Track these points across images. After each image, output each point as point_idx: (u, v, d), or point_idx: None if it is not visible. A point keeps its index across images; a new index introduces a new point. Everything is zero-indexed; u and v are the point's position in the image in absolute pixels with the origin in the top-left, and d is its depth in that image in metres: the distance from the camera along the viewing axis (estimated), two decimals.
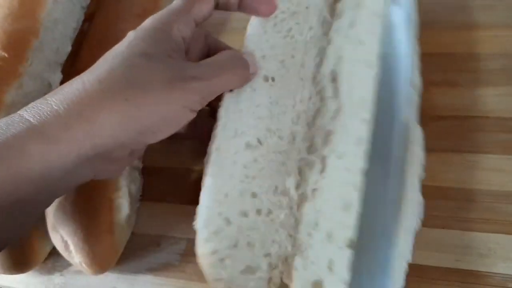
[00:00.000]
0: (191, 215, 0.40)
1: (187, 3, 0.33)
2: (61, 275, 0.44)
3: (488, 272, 0.32)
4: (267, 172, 0.33)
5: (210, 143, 0.34)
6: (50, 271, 0.44)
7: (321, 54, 0.35)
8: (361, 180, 0.31)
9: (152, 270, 0.41)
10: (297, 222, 0.32)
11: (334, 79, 0.34)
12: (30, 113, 0.28)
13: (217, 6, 0.34)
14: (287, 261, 0.32)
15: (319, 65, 0.35)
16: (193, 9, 0.33)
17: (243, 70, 0.33)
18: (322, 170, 0.32)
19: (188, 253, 0.33)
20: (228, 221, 0.33)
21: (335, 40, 0.35)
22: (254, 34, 0.36)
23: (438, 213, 0.31)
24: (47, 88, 0.43)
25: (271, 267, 0.32)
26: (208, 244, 0.32)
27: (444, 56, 0.38)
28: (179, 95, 0.29)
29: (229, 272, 0.32)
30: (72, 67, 0.44)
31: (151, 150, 0.36)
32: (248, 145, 0.34)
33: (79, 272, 0.43)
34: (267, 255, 0.32)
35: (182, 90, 0.29)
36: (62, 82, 0.44)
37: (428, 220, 0.32)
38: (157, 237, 0.42)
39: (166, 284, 0.40)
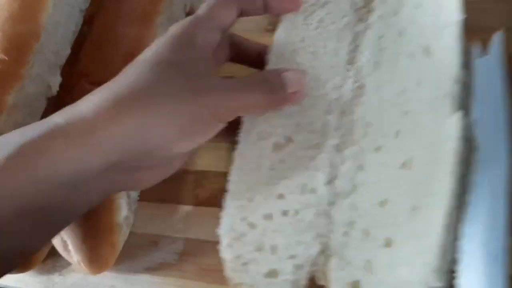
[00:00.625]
0: (189, 215, 0.40)
1: (211, 10, 0.32)
2: (60, 274, 0.44)
3: None
4: (295, 171, 0.32)
5: (234, 149, 0.33)
6: (49, 270, 0.45)
7: (356, 40, 0.34)
8: (401, 176, 0.29)
9: (150, 269, 0.41)
10: (329, 220, 0.31)
11: (375, 68, 0.33)
12: (59, 116, 0.28)
13: (242, 13, 0.33)
14: (318, 261, 0.31)
15: (354, 50, 0.34)
16: (217, 16, 0.32)
17: (269, 95, 0.31)
18: (359, 165, 0.31)
19: (186, 252, 0.34)
20: (252, 225, 0.32)
21: (376, 27, 0.33)
22: (283, 31, 0.35)
23: None
24: (47, 90, 0.43)
25: (297, 268, 0.31)
26: (231, 250, 0.31)
27: None
28: (204, 104, 0.29)
29: (252, 276, 0.31)
30: (71, 69, 0.45)
31: None
32: (275, 146, 0.33)
33: (78, 271, 0.43)
34: (292, 257, 0.31)
35: (206, 100, 0.29)
36: (61, 84, 0.44)
37: None
38: (155, 237, 0.42)
39: (163, 283, 0.40)
